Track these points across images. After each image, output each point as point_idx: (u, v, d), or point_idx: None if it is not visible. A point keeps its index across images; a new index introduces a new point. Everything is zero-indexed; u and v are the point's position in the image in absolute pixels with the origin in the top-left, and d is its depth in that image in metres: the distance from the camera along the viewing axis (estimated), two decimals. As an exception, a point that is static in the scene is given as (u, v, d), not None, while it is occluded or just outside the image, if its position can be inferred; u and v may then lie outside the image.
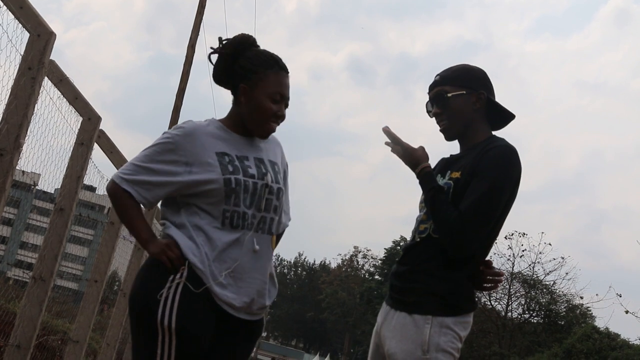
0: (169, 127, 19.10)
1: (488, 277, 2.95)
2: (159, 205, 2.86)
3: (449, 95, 3.01)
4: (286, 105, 2.86)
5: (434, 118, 3.11)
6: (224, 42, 2.89)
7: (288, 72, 2.87)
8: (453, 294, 2.83)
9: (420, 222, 2.98)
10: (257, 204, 2.75)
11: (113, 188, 2.75)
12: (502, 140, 2.97)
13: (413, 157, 3.02)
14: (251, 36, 2.90)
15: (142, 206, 2.77)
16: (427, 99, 3.14)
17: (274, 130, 2.85)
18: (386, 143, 3.11)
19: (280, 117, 2.83)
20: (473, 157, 2.91)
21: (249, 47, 2.87)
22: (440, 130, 3.09)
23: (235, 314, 2.69)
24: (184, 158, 2.70)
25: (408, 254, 2.97)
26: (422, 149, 3.05)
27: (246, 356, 2.87)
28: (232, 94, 2.89)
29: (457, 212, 2.79)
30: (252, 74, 2.80)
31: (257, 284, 2.75)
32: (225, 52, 2.86)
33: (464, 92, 3.00)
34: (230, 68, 2.86)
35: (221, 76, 2.91)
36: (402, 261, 2.99)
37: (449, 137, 3.08)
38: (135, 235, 2.79)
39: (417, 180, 3.00)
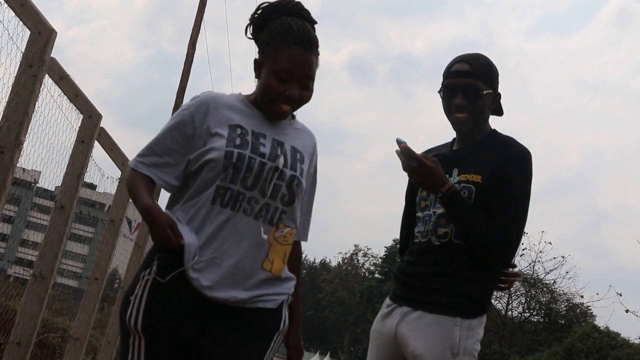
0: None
1: (502, 277, 2.96)
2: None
3: (483, 93, 2.93)
4: (304, 86, 2.48)
5: (444, 103, 2.99)
6: (261, 8, 2.57)
7: (311, 48, 2.49)
8: (482, 295, 2.83)
9: (437, 225, 2.89)
10: (262, 187, 2.43)
11: (131, 174, 2.50)
12: (514, 140, 2.96)
13: (436, 177, 2.81)
14: (291, 1, 2.55)
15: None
16: (446, 80, 2.99)
17: (284, 112, 2.51)
18: (398, 155, 2.86)
19: (291, 99, 2.46)
20: (489, 158, 2.87)
21: (281, 14, 2.53)
22: (456, 121, 2.96)
23: (208, 293, 2.38)
24: (198, 130, 2.46)
25: (424, 255, 2.92)
26: (437, 162, 2.84)
27: (254, 354, 2.46)
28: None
29: (500, 230, 2.77)
30: (266, 47, 2.51)
31: (237, 275, 2.41)
32: (255, 22, 2.57)
33: (491, 91, 2.96)
34: (257, 39, 2.57)
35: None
36: (419, 262, 2.92)
37: (462, 130, 2.98)
38: (137, 200, 2.43)
39: (439, 198, 2.83)
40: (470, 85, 2.92)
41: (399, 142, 2.83)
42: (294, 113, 2.62)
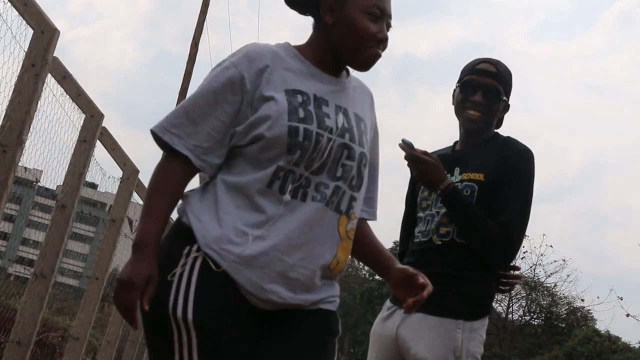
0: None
1: (503, 280, 2.96)
2: None
3: (504, 99, 2.95)
4: (388, 27, 2.10)
5: (459, 98, 2.96)
6: None
7: None
8: (485, 296, 2.83)
9: (439, 224, 2.87)
10: (331, 169, 2.00)
11: (162, 161, 1.99)
12: (515, 139, 2.96)
13: (437, 172, 2.81)
14: None
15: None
16: (468, 77, 2.95)
17: (378, 57, 2.10)
18: (402, 147, 2.84)
19: (383, 41, 2.08)
20: (490, 157, 2.87)
21: None
22: (469, 118, 2.93)
23: (264, 296, 1.95)
24: (248, 95, 1.98)
25: (425, 256, 2.90)
26: (438, 160, 2.83)
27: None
28: (312, 15, 2.15)
29: (502, 228, 2.76)
30: None
31: (303, 275, 1.99)
32: None
33: (506, 100, 2.98)
34: None
35: None
36: (419, 262, 2.85)
37: (471, 128, 2.95)
38: (140, 223, 1.97)
39: (439, 195, 2.83)
40: (494, 86, 2.91)
41: (405, 142, 2.83)
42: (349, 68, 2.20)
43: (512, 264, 2.95)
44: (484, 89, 2.91)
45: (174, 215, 2.04)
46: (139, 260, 1.87)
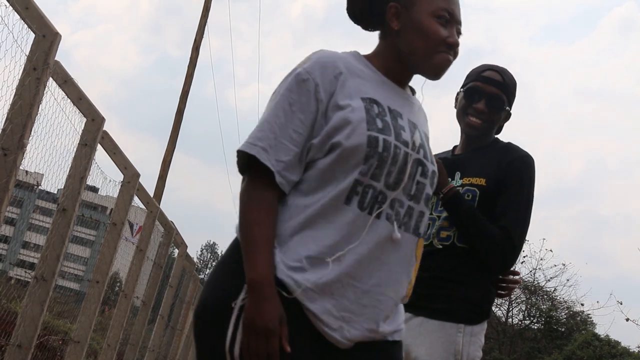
0: (172, 130, 19.09)
1: (502, 285, 2.96)
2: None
3: (507, 109, 2.97)
4: (459, 32, 2.00)
5: (462, 104, 2.96)
6: None
7: None
8: (485, 300, 2.83)
9: (440, 228, 2.87)
10: (407, 187, 1.87)
11: (251, 184, 1.80)
12: (516, 145, 2.97)
13: (442, 177, 2.80)
14: None
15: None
16: (473, 83, 2.94)
17: (450, 63, 1.99)
18: None
19: (454, 46, 1.97)
20: (491, 162, 2.88)
21: None
22: (470, 124, 2.94)
23: (337, 336, 1.79)
24: (322, 104, 1.84)
25: (425, 259, 2.88)
26: (440, 163, 2.76)
27: None
28: (378, 25, 2.04)
29: (503, 231, 2.77)
30: None
31: (379, 302, 1.84)
32: None
33: (509, 109, 2.99)
34: None
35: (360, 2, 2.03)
36: (420, 266, 2.88)
37: (471, 134, 2.97)
38: (250, 260, 1.73)
39: (440, 199, 2.84)
40: (498, 95, 2.92)
41: None
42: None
43: (511, 269, 2.97)
44: (488, 97, 2.92)
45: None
46: (265, 303, 1.68)
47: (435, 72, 1.98)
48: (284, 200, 1.83)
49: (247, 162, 1.82)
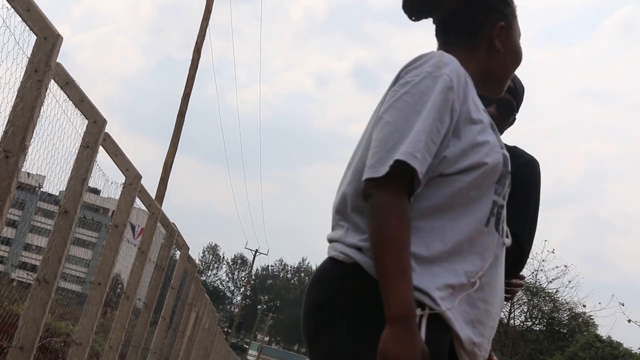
0: (174, 132, 19.12)
1: (506, 288, 2.97)
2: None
3: (514, 113, 2.99)
4: None
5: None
6: None
7: None
8: None
9: None
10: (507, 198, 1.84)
11: (397, 183, 1.59)
12: (521, 149, 2.99)
13: None
14: None
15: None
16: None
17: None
18: None
19: None
20: None
21: None
22: None
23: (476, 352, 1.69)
24: (455, 114, 1.69)
25: None
26: None
27: None
28: (470, 39, 1.89)
29: (511, 237, 2.78)
30: (506, 7, 1.89)
31: (496, 323, 1.78)
32: None
33: (516, 115, 3.01)
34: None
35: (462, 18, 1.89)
36: None
37: None
38: (397, 289, 1.52)
39: None
40: (509, 102, 2.93)
41: None
42: None
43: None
44: (499, 102, 2.91)
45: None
46: (409, 337, 1.49)
47: (498, 93, 1.96)
48: (417, 218, 1.65)
49: (390, 172, 1.58)
